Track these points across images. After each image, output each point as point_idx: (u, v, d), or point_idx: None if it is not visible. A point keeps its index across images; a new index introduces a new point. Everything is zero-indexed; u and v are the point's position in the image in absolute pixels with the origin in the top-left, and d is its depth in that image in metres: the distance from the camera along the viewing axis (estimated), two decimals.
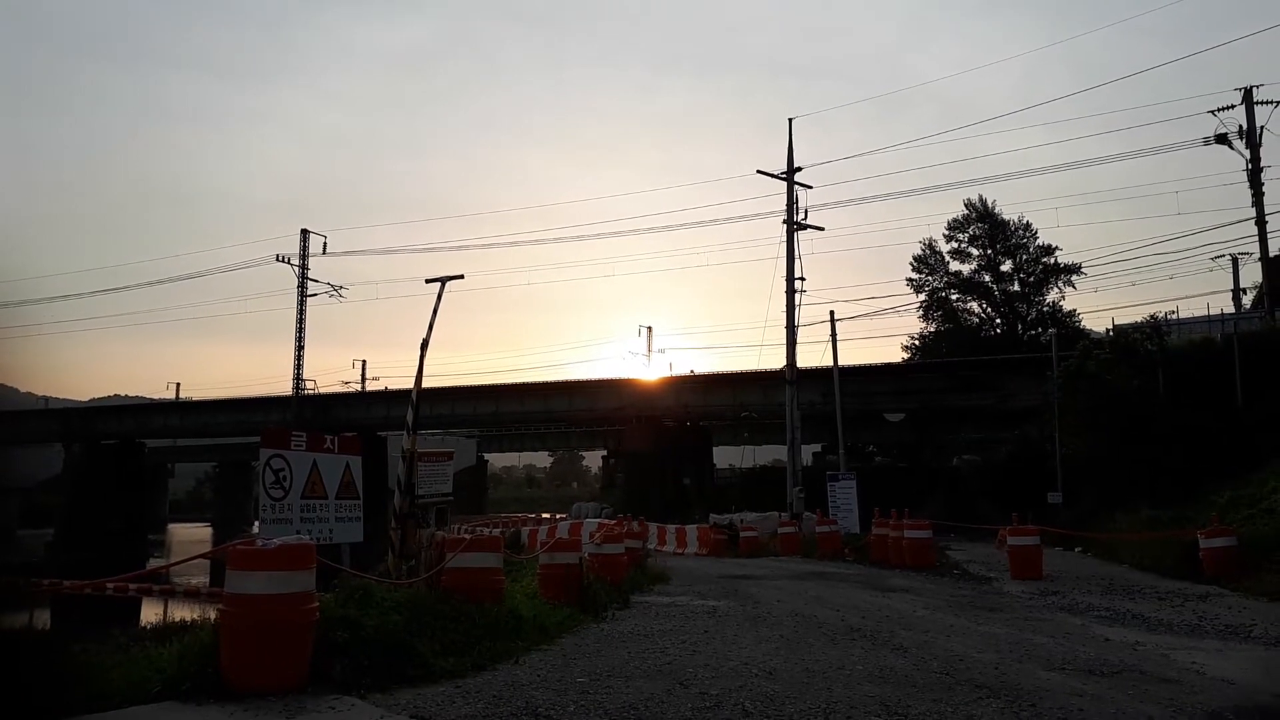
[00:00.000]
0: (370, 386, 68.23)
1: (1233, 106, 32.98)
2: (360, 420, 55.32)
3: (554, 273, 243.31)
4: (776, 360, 33.73)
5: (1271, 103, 32.65)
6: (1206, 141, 33.39)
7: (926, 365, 48.86)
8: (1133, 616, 10.94)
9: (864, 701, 6.00)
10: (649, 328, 77.05)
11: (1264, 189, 32.27)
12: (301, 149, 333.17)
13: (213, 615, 7.10)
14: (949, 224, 54.77)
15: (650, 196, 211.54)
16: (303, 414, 55.85)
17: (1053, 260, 52.54)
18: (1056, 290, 52.45)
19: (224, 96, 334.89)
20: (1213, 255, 42.28)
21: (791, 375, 31.45)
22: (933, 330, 54.81)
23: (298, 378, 59.38)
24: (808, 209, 31.52)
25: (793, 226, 31.28)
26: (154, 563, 47.61)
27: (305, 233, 60.90)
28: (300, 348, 59.56)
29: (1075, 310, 51.47)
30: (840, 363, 36.44)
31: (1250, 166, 32.44)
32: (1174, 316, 34.19)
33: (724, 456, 65.29)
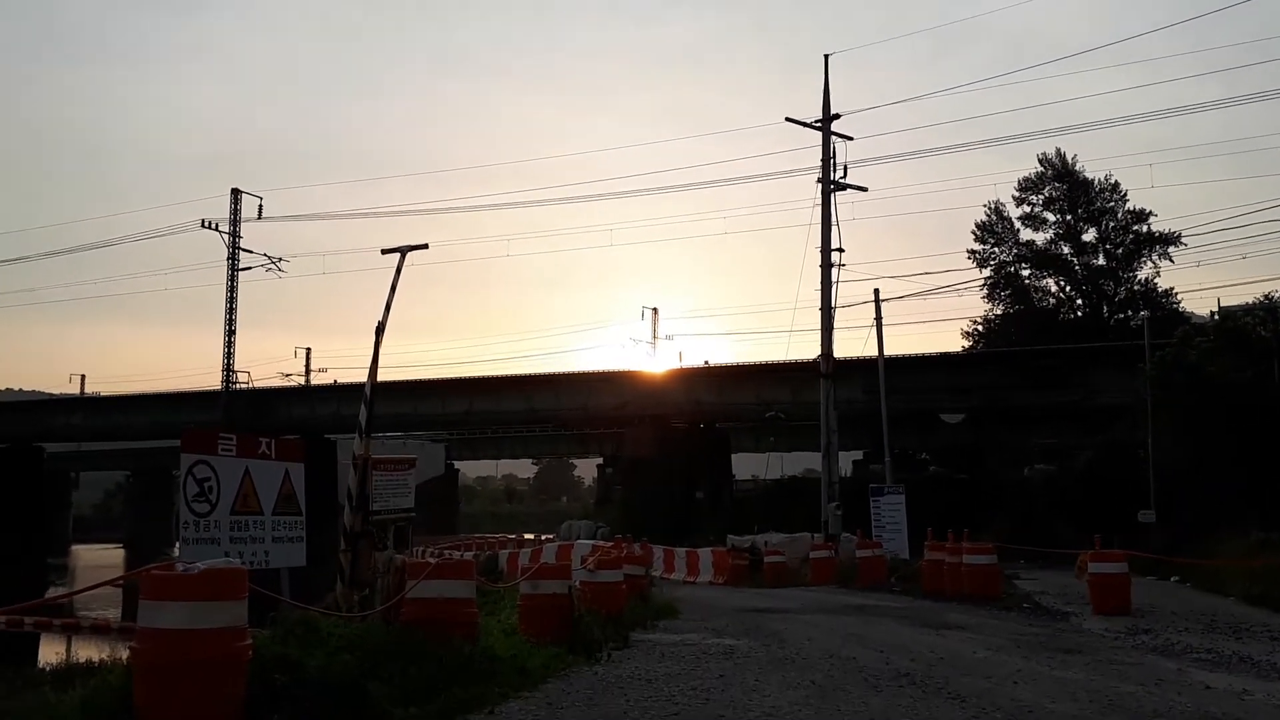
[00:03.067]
0: (316, 379, 68.52)
1: None
2: (304, 420, 55.37)
3: (539, 242, 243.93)
4: (809, 349, 33.71)
5: None
6: None
7: (991, 355, 48.82)
8: (1240, 660, 10.95)
9: None
10: (654, 309, 77.49)
11: None
12: (232, 91, 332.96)
13: (124, 654, 7.12)
14: (1019, 184, 54.70)
15: (654, 150, 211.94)
16: (234, 412, 55.94)
17: (1146, 228, 52.43)
18: (1150, 264, 52.39)
19: (137, 28, 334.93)
20: None
21: (827, 367, 31.43)
22: (999, 313, 54.79)
23: (228, 369, 59.48)
24: (847, 165, 31.43)
25: (829, 187, 31.21)
26: (54, 591, 47.74)
27: (237, 193, 60.97)
28: (231, 332, 59.66)
29: (1173, 289, 51.45)
30: (886, 352, 36.45)
31: None
32: None
33: (745, 465, 65.32)
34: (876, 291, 36.17)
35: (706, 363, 58.83)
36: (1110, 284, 53.08)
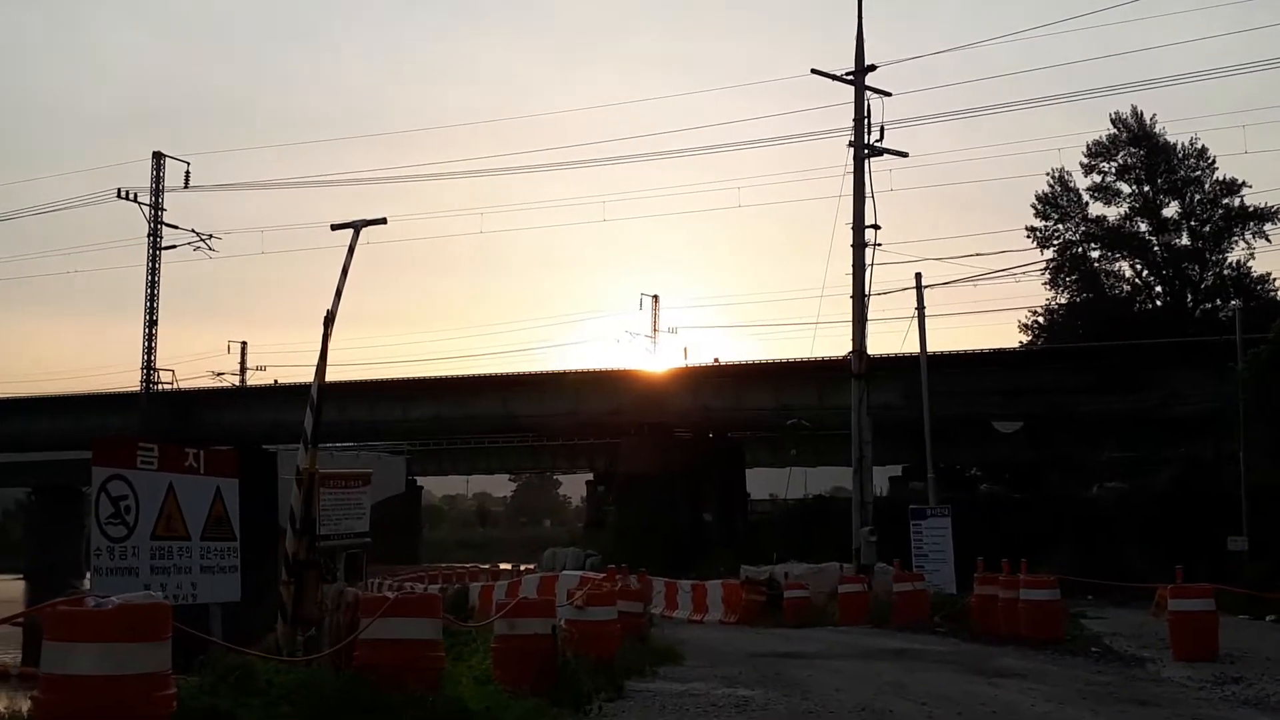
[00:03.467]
0: (253, 379, 68.62)
1: None
2: (239, 427, 55.36)
3: (519, 217, 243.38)
4: (838, 345, 33.75)
5: None
6: None
7: (1054, 353, 48.90)
8: None
9: None
10: (655, 297, 77.41)
11: None
12: (155, 35, 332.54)
13: (25, 705, 7.12)
14: (1088, 148, 54.74)
15: (654, 107, 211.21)
16: (156, 418, 55.89)
17: (1238, 202, 52.48)
18: (1243, 245, 52.45)
19: None
20: None
21: (860, 366, 31.44)
22: (1063, 302, 54.86)
23: (148, 366, 59.47)
24: (884, 126, 31.43)
25: (863, 151, 31.21)
26: None
27: (159, 157, 60.91)
28: (152, 323, 59.64)
29: (1270, 274, 51.57)
30: (930, 349, 36.46)
31: None
32: None
33: (762, 482, 65.40)
34: (919, 276, 36.19)
35: (716, 360, 58.90)
36: (1195, 268, 53.09)
